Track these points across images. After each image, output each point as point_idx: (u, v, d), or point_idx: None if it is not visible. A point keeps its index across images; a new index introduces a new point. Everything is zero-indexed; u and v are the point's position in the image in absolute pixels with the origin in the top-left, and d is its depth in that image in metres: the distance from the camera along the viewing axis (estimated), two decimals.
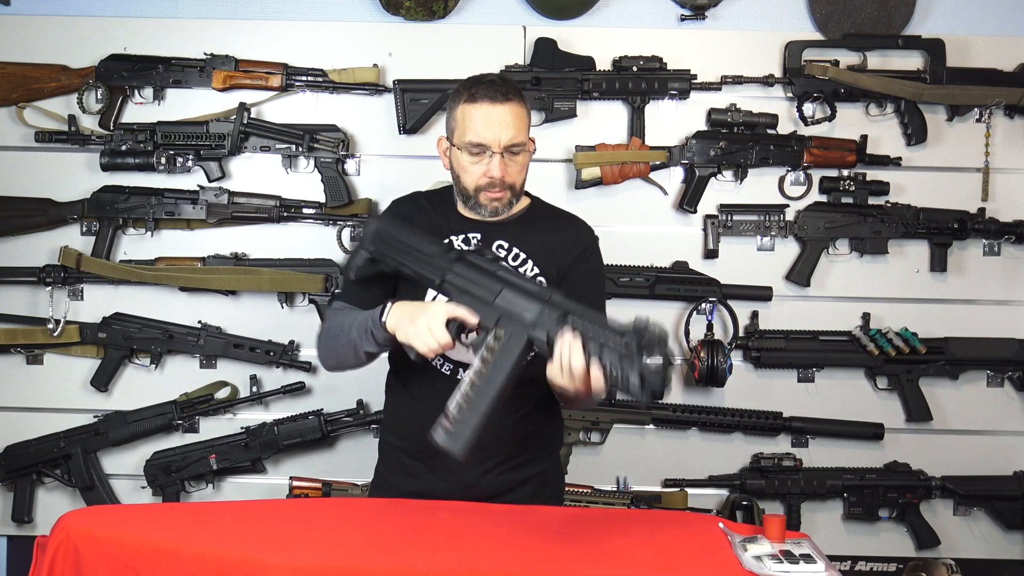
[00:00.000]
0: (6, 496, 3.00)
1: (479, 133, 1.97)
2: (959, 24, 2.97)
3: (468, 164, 1.99)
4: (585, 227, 2.12)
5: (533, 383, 1.99)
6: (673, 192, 2.97)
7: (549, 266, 2.03)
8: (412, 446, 2.05)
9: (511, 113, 1.99)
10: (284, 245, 2.96)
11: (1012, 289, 2.99)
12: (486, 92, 2.00)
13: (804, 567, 1.60)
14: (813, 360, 2.95)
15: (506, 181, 1.98)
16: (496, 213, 2.02)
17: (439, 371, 2.01)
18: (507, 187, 2.00)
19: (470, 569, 1.62)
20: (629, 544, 1.72)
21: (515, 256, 2.03)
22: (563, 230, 2.08)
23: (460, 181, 2.03)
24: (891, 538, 3.00)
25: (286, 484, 2.92)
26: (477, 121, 1.98)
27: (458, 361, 2.00)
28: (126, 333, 2.94)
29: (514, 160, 2.00)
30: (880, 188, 2.93)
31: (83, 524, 1.73)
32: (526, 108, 2.03)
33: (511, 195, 2.01)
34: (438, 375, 2.01)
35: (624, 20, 2.97)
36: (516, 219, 2.07)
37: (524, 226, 2.06)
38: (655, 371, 1.59)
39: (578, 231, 2.10)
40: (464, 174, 2.01)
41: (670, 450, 2.99)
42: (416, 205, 2.13)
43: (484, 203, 2.00)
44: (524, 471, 2.04)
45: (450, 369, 2.01)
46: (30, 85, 2.91)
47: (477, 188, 2.00)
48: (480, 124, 1.97)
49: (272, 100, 2.95)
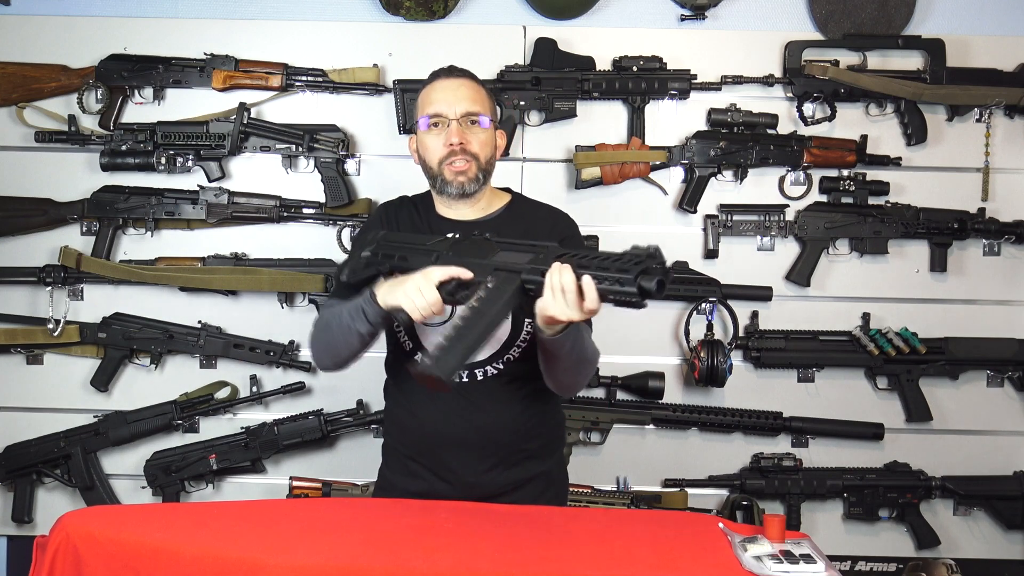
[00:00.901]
0: (6, 496, 3.00)
1: (434, 105, 2.01)
2: (959, 24, 2.98)
3: (429, 140, 2.02)
4: (564, 217, 2.12)
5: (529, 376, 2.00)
6: (673, 192, 2.97)
7: None
8: (413, 449, 2.05)
9: (465, 86, 2.04)
10: (284, 245, 2.96)
11: (1012, 289, 2.99)
12: (440, 72, 2.07)
13: (804, 567, 1.60)
14: (813, 360, 2.95)
15: (468, 150, 1.99)
16: (464, 189, 2.00)
17: None
18: (471, 157, 1.99)
19: (470, 569, 1.62)
20: (629, 544, 1.72)
21: None
22: (542, 222, 2.07)
23: (426, 163, 2.04)
24: (891, 538, 3.00)
25: (286, 484, 2.92)
26: (433, 94, 2.03)
27: None
28: (126, 333, 2.94)
29: (474, 131, 2.01)
30: (880, 188, 2.93)
31: (83, 524, 1.73)
32: (484, 90, 2.07)
33: (477, 168, 2.00)
34: None
35: (624, 20, 2.97)
36: (496, 216, 2.07)
37: (504, 222, 2.05)
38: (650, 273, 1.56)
39: (556, 221, 2.09)
40: (428, 152, 2.02)
41: (670, 450, 2.99)
42: (399, 206, 2.15)
43: (449, 178, 2.00)
44: (526, 469, 2.04)
45: None
46: (30, 85, 2.92)
47: (440, 161, 2.00)
48: (435, 96, 2.02)
49: (272, 100, 2.95)
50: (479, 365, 1.99)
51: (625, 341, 2.92)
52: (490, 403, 1.99)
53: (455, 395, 1.98)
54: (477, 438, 1.99)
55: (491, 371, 2.00)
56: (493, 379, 2.00)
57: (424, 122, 2.02)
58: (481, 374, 1.99)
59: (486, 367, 1.99)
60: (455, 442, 2.00)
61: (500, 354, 2.00)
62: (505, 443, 2.00)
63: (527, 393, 2.03)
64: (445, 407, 1.98)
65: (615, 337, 2.86)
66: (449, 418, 1.98)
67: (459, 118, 1.99)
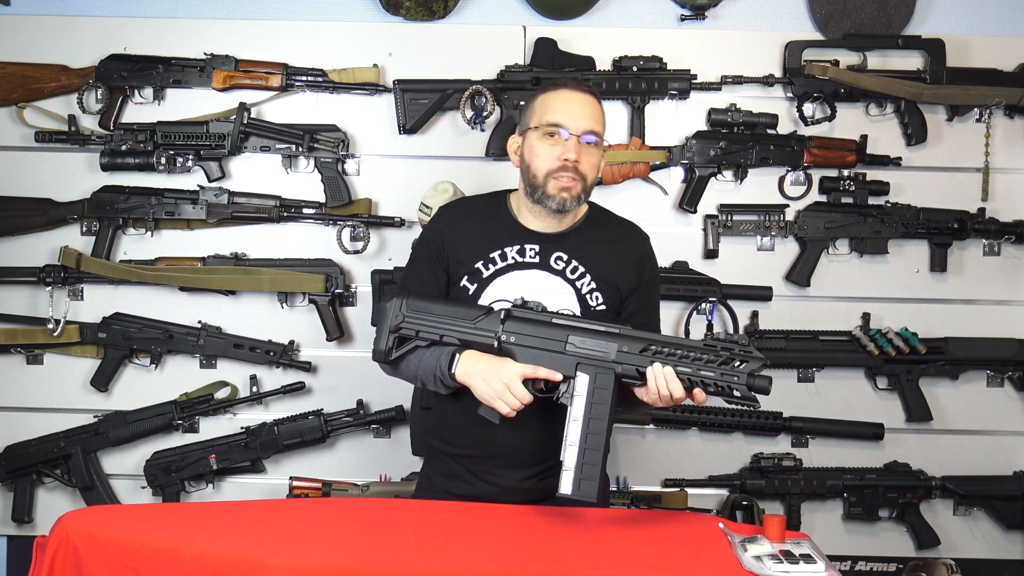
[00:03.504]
0: (6, 496, 3.00)
1: (557, 114, 1.98)
2: (959, 24, 2.97)
3: (541, 148, 1.98)
4: (639, 233, 2.13)
5: None
6: (673, 192, 2.97)
7: (606, 278, 2.03)
8: (459, 451, 2.05)
9: (591, 104, 2.02)
10: (284, 245, 2.96)
11: (1012, 289, 2.99)
12: (568, 83, 2.04)
13: (804, 567, 1.60)
14: (813, 360, 2.95)
15: (579, 170, 1.97)
16: (563, 206, 1.99)
17: None
18: (579, 177, 1.98)
19: (470, 569, 1.62)
20: (629, 544, 1.73)
21: (573, 269, 2.03)
22: (620, 242, 2.09)
23: (530, 169, 2.00)
24: (891, 538, 3.00)
25: (286, 484, 2.91)
26: (556, 103, 1.99)
27: None
28: (126, 333, 2.94)
29: (588, 151, 1.99)
30: (880, 188, 2.93)
31: (83, 524, 1.73)
32: (604, 112, 2.06)
33: (581, 189, 1.99)
34: None
35: (624, 20, 2.97)
36: (575, 229, 2.06)
37: (582, 237, 2.05)
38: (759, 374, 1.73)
39: (631, 237, 2.11)
40: (536, 159, 1.99)
41: (670, 450, 2.99)
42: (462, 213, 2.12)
43: (552, 193, 1.98)
44: None
45: None
46: (30, 85, 2.91)
47: (548, 173, 1.97)
48: (559, 105, 1.99)
49: (272, 100, 2.95)
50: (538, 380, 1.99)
51: None
52: (544, 413, 1.97)
53: None
54: (529, 448, 2.00)
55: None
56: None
57: (539, 128, 1.99)
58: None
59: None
60: (507, 450, 2.00)
61: None
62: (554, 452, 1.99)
63: None
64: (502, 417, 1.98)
65: None
66: (502, 427, 1.96)
67: (579, 135, 1.98)
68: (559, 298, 2.01)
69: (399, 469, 2.90)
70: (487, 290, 2.02)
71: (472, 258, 2.04)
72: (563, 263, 2.03)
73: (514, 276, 2.02)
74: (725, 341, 1.78)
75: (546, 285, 2.02)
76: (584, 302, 2.02)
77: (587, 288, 2.02)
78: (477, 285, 2.03)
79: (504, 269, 2.03)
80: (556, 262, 2.03)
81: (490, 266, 2.03)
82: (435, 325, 1.91)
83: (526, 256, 2.03)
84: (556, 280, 2.02)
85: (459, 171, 2.88)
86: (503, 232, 2.05)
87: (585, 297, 2.02)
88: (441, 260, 2.05)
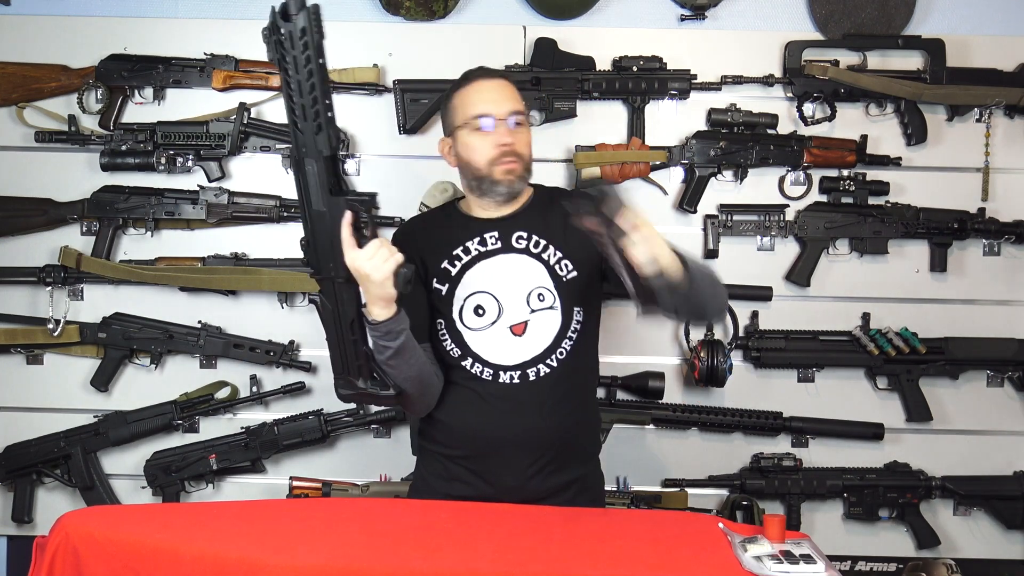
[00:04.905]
0: (6, 496, 3.00)
1: (479, 106, 2.00)
2: (959, 24, 2.97)
3: (476, 142, 2.00)
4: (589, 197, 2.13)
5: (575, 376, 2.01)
6: (673, 192, 2.97)
7: (572, 246, 2.05)
8: (455, 451, 2.05)
9: (505, 86, 2.04)
10: (284, 245, 2.96)
11: (1012, 289, 2.99)
12: (477, 74, 2.06)
13: (804, 567, 1.60)
14: (813, 360, 2.95)
15: (515, 150, 1.99)
16: (512, 189, 2.01)
17: (479, 377, 2.01)
18: (517, 157, 2.00)
19: (470, 569, 1.62)
20: (629, 544, 1.73)
21: (536, 243, 2.05)
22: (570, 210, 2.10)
23: (471, 165, 2.02)
24: (891, 538, 3.00)
25: (286, 484, 2.91)
26: (476, 95, 2.02)
27: (497, 364, 2.01)
28: (126, 333, 2.94)
29: (518, 131, 2.01)
30: (880, 188, 2.93)
31: (82, 524, 1.73)
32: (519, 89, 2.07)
33: (523, 168, 2.02)
34: (478, 380, 2.02)
35: (624, 20, 2.97)
36: (526, 208, 2.08)
37: (536, 212, 2.08)
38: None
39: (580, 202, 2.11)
40: (474, 154, 2.01)
41: (670, 450, 2.99)
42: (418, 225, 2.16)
43: (500, 178, 2.00)
44: (566, 474, 2.05)
45: (491, 374, 2.01)
46: (30, 85, 2.91)
47: (490, 162, 1.99)
48: (480, 97, 2.01)
49: (272, 100, 2.94)
50: (531, 364, 2.00)
51: (625, 341, 2.92)
52: (537, 406, 2.00)
53: (503, 398, 1.99)
54: (524, 441, 2.00)
55: (543, 370, 2.01)
56: (542, 380, 2.01)
57: (467, 125, 2.01)
58: (533, 374, 2.01)
59: (538, 365, 2.01)
60: (501, 445, 2.00)
61: (552, 349, 2.02)
62: (550, 446, 2.01)
63: (572, 394, 2.05)
64: (493, 410, 2.00)
65: (615, 337, 2.86)
66: (496, 421, 1.99)
67: (505, 118, 1.99)
68: (530, 275, 2.04)
69: (399, 469, 2.90)
70: (459, 286, 2.04)
71: (437, 261, 2.06)
72: (524, 241, 2.05)
73: (481, 266, 2.04)
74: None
75: (514, 266, 2.04)
76: (554, 272, 2.04)
77: (554, 259, 2.04)
78: (448, 284, 2.05)
79: (470, 263, 2.05)
80: (518, 241, 2.05)
81: (456, 263, 2.05)
82: None
83: (488, 244, 2.05)
84: (522, 258, 2.05)
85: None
86: (459, 229, 2.07)
87: (554, 268, 2.04)
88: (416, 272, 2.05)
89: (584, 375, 2.10)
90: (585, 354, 2.08)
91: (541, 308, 2.02)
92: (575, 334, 2.03)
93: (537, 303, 2.02)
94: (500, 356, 2.00)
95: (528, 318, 2.02)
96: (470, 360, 2.01)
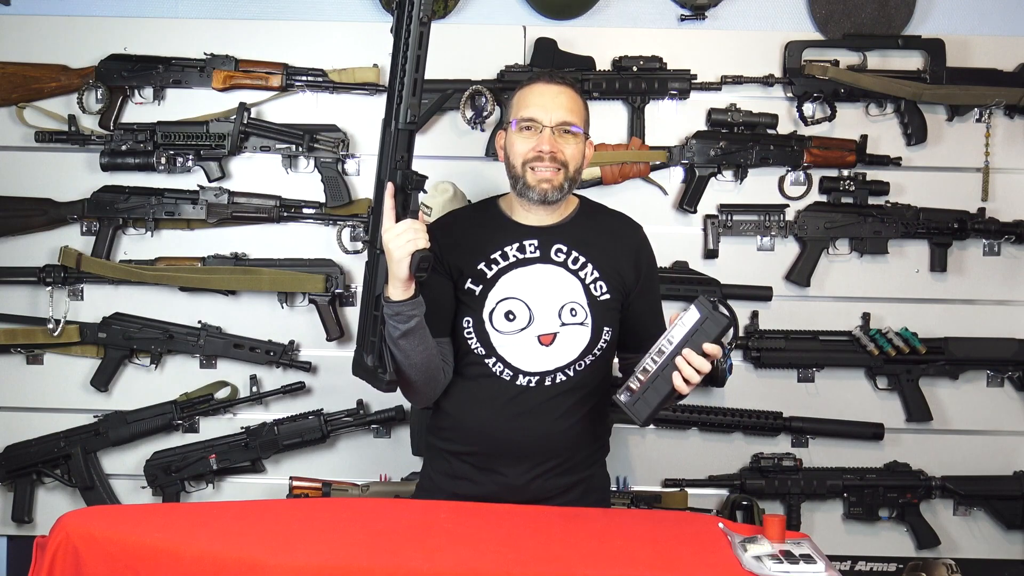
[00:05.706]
0: (6, 496, 3.00)
1: (531, 108, 1.99)
2: (959, 24, 2.97)
3: (518, 141, 2.00)
4: (632, 223, 2.16)
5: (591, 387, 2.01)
6: (673, 192, 2.97)
7: (608, 267, 2.05)
8: (463, 447, 2.05)
9: (564, 94, 2.02)
10: (284, 245, 2.96)
11: (1012, 289, 2.98)
12: (541, 76, 2.06)
13: (804, 567, 1.60)
14: (813, 360, 2.95)
15: (557, 157, 1.98)
16: (545, 197, 2.00)
17: (498, 376, 2.01)
18: (559, 165, 1.98)
19: (470, 569, 1.62)
20: (629, 544, 1.73)
21: (575, 260, 2.04)
22: (615, 231, 2.11)
23: (509, 161, 2.03)
24: (891, 538, 3.00)
25: (286, 484, 2.91)
26: (530, 98, 2.01)
27: (519, 368, 2.01)
28: (126, 333, 2.94)
29: (566, 139, 1.99)
30: (880, 188, 2.93)
31: (83, 524, 1.73)
32: (583, 101, 2.06)
33: (563, 178, 2.00)
34: (496, 379, 2.01)
35: (624, 20, 2.97)
36: (569, 221, 2.08)
37: (578, 227, 2.07)
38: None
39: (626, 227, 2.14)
40: (513, 152, 2.01)
41: (670, 450, 2.99)
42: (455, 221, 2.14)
43: (532, 183, 1.99)
44: (573, 475, 2.06)
45: (510, 375, 2.01)
46: (30, 85, 2.91)
47: (524, 162, 1.99)
48: (532, 100, 2.01)
49: (272, 100, 2.94)
50: (551, 373, 2.00)
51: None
52: (550, 411, 2.00)
53: (518, 400, 2.00)
54: (534, 445, 2.01)
55: (560, 378, 2.01)
56: (559, 385, 2.01)
57: (516, 123, 2.01)
58: (549, 380, 2.01)
59: (556, 374, 2.01)
60: (511, 447, 2.01)
61: (576, 362, 2.02)
62: (560, 451, 2.01)
63: (587, 403, 2.05)
64: (506, 412, 2.00)
65: None
66: (509, 423, 1.99)
67: (553, 126, 1.99)
68: (564, 289, 2.03)
69: (399, 469, 2.90)
70: (493, 289, 2.03)
71: (473, 261, 2.04)
72: (563, 255, 2.04)
73: (517, 273, 2.03)
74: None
75: (550, 278, 2.03)
76: (588, 292, 2.04)
77: (591, 278, 2.04)
78: (482, 287, 2.03)
79: (507, 268, 2.04)
80: (556, 254, 2.04)
81: (492, 266, 2.04)
82: None
83: (526, 252, 2.03)
84: (559, 272, 2.04)
85: (459, 171, 2.88)
86: (500, 232, 2.06)
87: (589, 287, 2.04)
88: (442, 268, 2.05)
89: (600, 384, 2.10)
90: (604, 367, 2.09)
91: (572, 323, 2.02)
92: (600, 351, 2.04)
93: (569, 317, 2.02)
94: (524, 362, 2.01)
95: (558, 331, 2.01)
96: (494, 359, 2.01)
